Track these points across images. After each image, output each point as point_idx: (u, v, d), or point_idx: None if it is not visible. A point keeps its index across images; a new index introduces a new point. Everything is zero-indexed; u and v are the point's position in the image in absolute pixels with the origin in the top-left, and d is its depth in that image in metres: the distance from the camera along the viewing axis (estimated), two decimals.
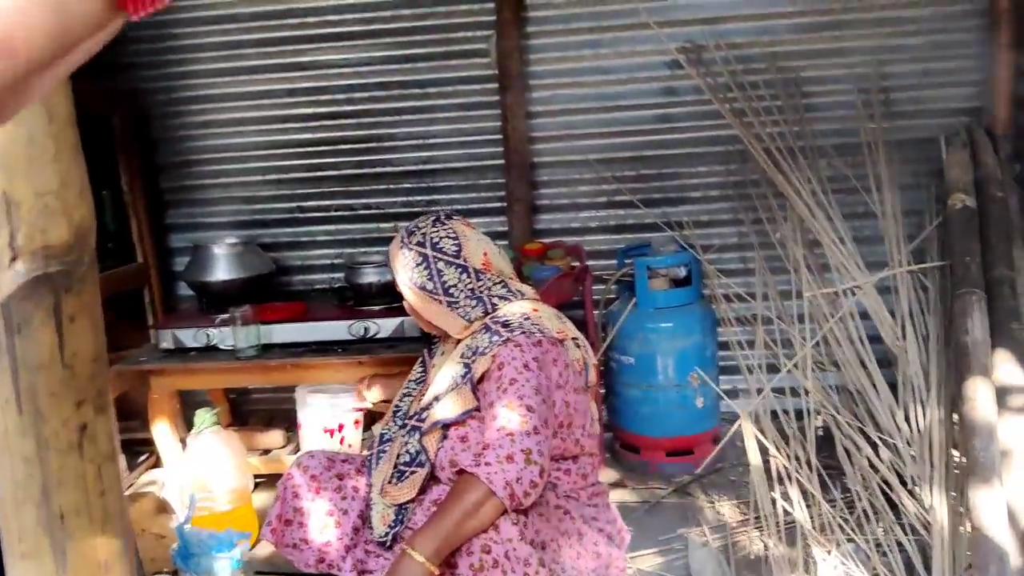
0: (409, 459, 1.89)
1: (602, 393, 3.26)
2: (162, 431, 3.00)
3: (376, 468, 2.00)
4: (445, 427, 1.83)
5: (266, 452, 3.22)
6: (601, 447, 3.15)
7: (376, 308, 2.95)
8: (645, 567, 2.49)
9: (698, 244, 3.28)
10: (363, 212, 3.55)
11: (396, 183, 3.52)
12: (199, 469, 2.76)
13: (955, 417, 2.53)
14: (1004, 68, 3.09)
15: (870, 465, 2.62)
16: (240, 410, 3.64)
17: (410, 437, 1.91)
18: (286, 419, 3.43)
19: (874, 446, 2.64)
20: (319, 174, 3.54)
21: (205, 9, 3.44)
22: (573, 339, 1.92)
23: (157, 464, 3.27)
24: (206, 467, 2.76)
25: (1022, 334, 2.55)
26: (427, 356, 2.17)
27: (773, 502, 2.46)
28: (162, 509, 2.99)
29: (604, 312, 3.23)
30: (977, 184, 2.90)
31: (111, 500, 1.44)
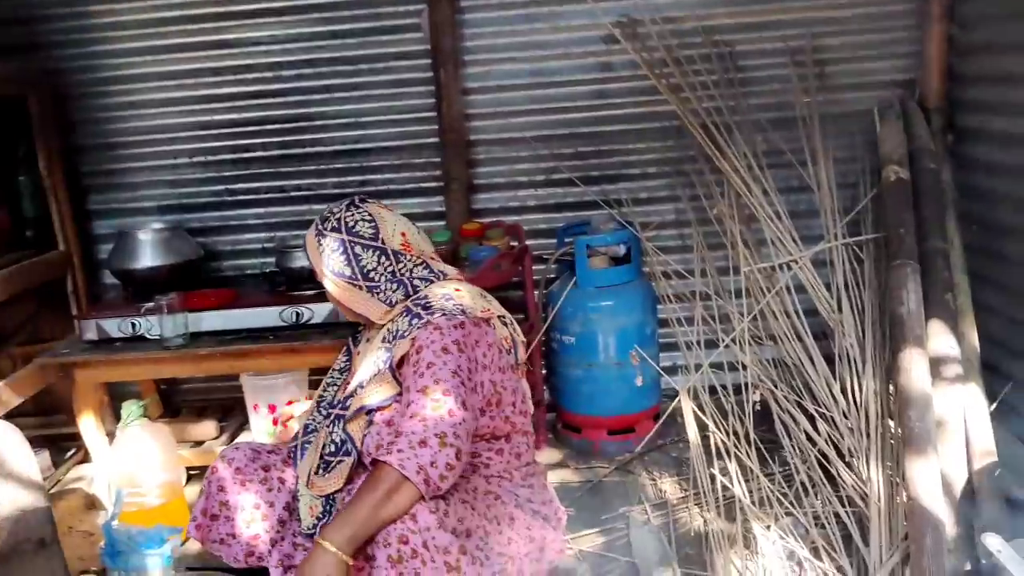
0: (335, 448, 1.84)
1: (543, 374, 3.23)
2: (88, 425, 2.89)
3: (301, 460, 1.94)
4: (369, 413, 1.79)
5: (199, 444, 3.13)
6: (542, 426, 3.13)
7: (309, 293, 2.87)
8: (587, 547, 2.47)
9: (637, 222, 3.26)
10: (294, 194, 3.45)
11: (328, 163, 3.42)
12: (127, 463, 2.67)
13: (891, 388, 2.54)
14: (936, 40, 3.10)
15: (807, 438, 2.63)
16: (172, 401, 3.52)
17: (335, 426, 1.86)
18: (219, 409, 3.35)
19: (811, 419, 2.65)
20: (247, 155, 3.42)
21: None
22: (499, 317, 1.88)
23: (86, 459, 3.16)
24: (134, 461, 2.67)
25: (955, 305, 2.58)
26: (351, 345, 2.12)
27: (712, 478, 2.45)
28: (91, 505, 2.89)
29: (544, 292, 3.19)
30: (911, 156, 2.91)
31: None
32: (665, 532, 2.49)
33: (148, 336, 2.80)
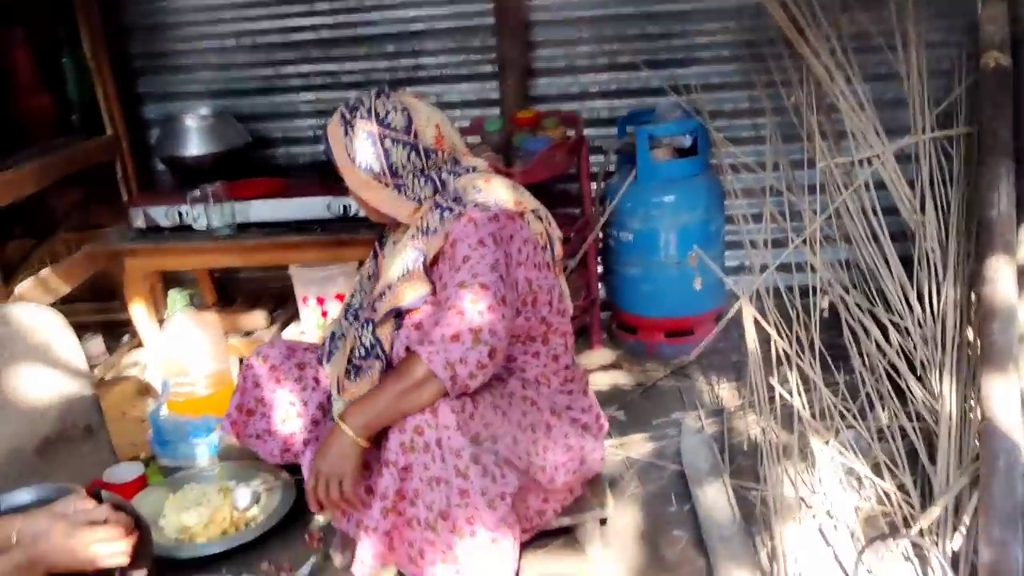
0: (364, 352, 1.77)
1: (599, 271, 3.10)
2: (139, 312, 2.90)
3: (330, 365, 1.88)
4: (398, 315, 1.70)
5: (249, 334, 3.12)
6: (597, 325, 3.02)
7: None
8: (634, 454, 2.39)
9: (706, 110, 3.03)
10: (345, 79, 3.31)
11: (378, 47, 3.26)
12: (173, 352, 2.67)
13: (972, 298, 2.35)
14: None
15: (877, 348, 2.46)
16: (227, 290, 3.51)
17: (363, 330, 1.78)
18: (272, 300, 3.32)
19: (883, 329, 2.48)
20: (296, 38, 3.28)
21: None
22: (533, 211, 1.75)
23: (141, 345, 3.19)
24: (180, 350, 2.66)
25: None
26: (378, 248, 2.01)
27: (770, 387, 2.32)
28: (145, 392, 2.92)
29: (602, 186, 3.02)
30: (1014, 42, 2.61)
31: None
32: (718, 441, 2.39)
33: (195, 226, 2.76)
